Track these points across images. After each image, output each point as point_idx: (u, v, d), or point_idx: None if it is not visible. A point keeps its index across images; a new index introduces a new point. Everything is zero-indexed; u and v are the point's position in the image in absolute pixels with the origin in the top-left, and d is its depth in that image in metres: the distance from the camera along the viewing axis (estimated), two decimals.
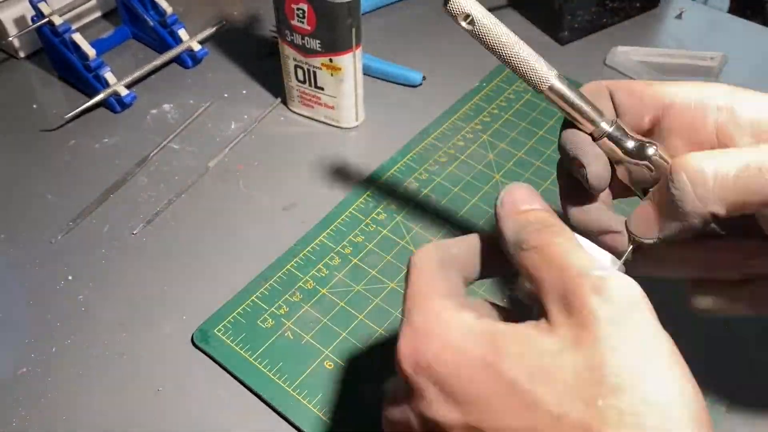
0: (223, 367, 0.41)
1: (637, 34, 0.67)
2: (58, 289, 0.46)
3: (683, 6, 0.70)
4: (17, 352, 0.42)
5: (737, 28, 0.69)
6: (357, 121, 0.57)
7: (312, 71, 0.54)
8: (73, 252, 0.48)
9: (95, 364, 0.42)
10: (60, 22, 0.57)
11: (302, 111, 0.58)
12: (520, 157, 0.54)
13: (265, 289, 0.45)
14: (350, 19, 0.50)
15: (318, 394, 0.40)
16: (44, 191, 0.52)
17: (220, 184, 0.53)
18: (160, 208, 0.51)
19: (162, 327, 0.44)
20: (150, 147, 0.55)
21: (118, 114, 0.59)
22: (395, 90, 0.61)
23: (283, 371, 0.41)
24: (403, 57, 0.63)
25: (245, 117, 0.59)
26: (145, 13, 0.62)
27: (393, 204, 0.51)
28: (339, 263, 0.47)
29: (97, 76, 0.58)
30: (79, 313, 0.44)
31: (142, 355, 0.42)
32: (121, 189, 0.52)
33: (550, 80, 0.31)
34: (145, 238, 0.49)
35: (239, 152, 0.55)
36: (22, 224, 0.50)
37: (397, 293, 0.45)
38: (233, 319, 0.43)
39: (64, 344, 0.43)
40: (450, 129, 0.57)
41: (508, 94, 0.59)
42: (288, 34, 0.53)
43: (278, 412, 0.39)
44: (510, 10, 0.69)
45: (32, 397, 0.40)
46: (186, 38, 0.62)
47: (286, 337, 0.43)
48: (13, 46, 0.63)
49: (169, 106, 0.59)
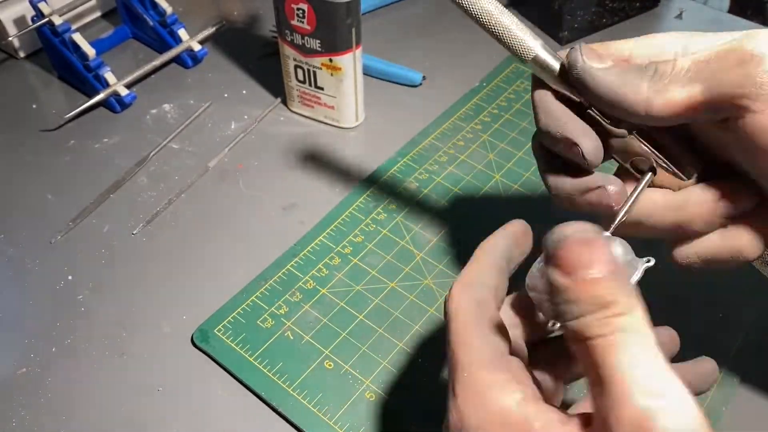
0: (223, 367, 0.41)
1: (637, 34, 0.66)
2: (58, 289, 0.46)
3: (683, 6, 0.70)
4: (17, 352, 0.42)
5: (737, 28, 0.69)
6: (357, 121, 0.57)
7: (312, 71, 0.54)
8: (73, 252, 0.48)
9: (95, 364, 0.42)
10: (60, 22, 0.57)
11: (302, 111, 0.58)
12: (520, 157, 0.54)
13: (265, 289, 0.45)
14: (350, 19, 0.50)
15: (318, 394, 0.40)
16: (44, 191, 0.52)
17: (220, 184, 0.53)
18: (160, 208, 0.51)
19: (162, 327, 0.44)
20: (150, 147, 0.55)
21: (118, 114, 0.59)
22: (395, 90, 0.61)
23: (283, 371, 0.41)
24: (403, 57, 0.63)
25: (245, 117, 0.59)
26: (145, 13, 0.62)
27: (393, 204, 0.50)
28: (339, 263, 0.47)
29: (97, 76, 0.58)
30: (79, 313, 0.44)
31: (141, 354, 0.42)
32: (121, 189, 0.52)
33: (536, 50, 0.31)
34: (145, 238, 0.49)
35: (239, 152, 0.55)
36: (22, 224, 0.50)
37: (398, 293, 0.45)
38: (233, 319, 0.43)
39: (64, 344, 0.43)
40: (450, 129, 0.57)
41: (508, 94, 0.59)
42: (288, 34, 0.53)
43: (278, 412, 0.39)
44: (510, 10, 0.69)
45: (32, 397, 0.40)
46: (186, 38, 0.62)
47: (286, 337, 0.43)
48: (13, 46, 0.63)
49: (169, 106, 0.59)
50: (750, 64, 0.26)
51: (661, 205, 0.31)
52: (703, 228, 0.31)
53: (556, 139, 0.31)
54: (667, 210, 0.31)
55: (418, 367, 0.41)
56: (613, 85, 0.29)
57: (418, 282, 0.46)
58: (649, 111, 0.28)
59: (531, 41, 0.31)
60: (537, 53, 0.31)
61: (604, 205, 0.30)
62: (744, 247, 0.31)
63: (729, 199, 0.30)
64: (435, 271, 0.46)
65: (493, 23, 0.31)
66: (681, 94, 0.28)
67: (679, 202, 0.31)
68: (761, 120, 0.26)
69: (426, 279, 0.46)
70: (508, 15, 0.32)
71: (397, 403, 0.40)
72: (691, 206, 0.31)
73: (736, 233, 0.31)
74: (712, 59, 0.27)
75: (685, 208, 0.31)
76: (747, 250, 0.31)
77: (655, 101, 0.28)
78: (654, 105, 0.28)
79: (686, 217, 0.31)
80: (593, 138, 0.30)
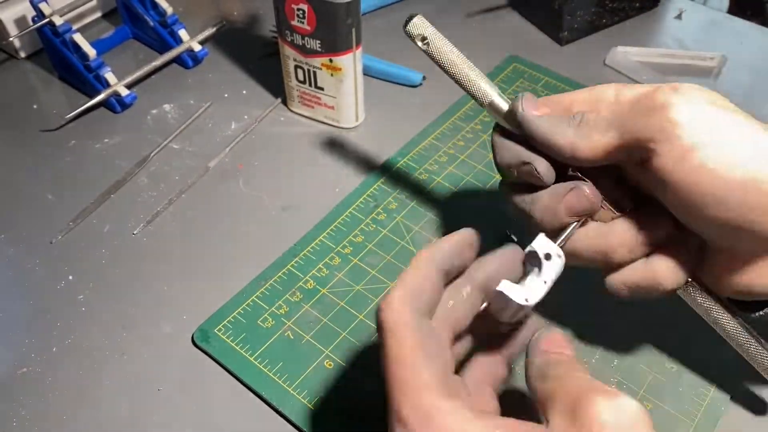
0: (223, 367, 0.41)
1: (636, 34, 0.67)
2: (59, 289, 0.46)
3: (683, 6, 0.70)
4: (17, 352, 0.42)
5: (737, 29, 0.69)
6: (357, 121, 0.57)
7: (312, 71, 0.54)
8: (74, 252, 0.48)
9: (95, 364, 0.42)
10: (60, 23, 0.57)
11: (302, 111, 0.58)
12: None
13: (266, 288, 0.45)
14: (350, 19, 0.50)
15: (318, 394, 0.40)
16: (44, 191, 0.52)
17: (220, 184, 0.53)
18: (160, 208, 0.51)
19: (162, 327, 0.44)
20: (150, 147, 0.55)
21: (118, 114, 0.59)
22: (395, 90, 0.61)
23: (283, 371, 0.41)
24: (403, 57, 0.63)
25: (245, 117, 0.59)
26: (146, 13, 0.63)
27: (393, 204, 0.51)
28: (339, 263, 0.47)
29: (98, 77, 0.58)
30: (79, 313, 0.44)
31: (142, 354, 0.42)
32: (122, 189, 0.52)
33: (491, 97, 0.37)
34: (145, 238, 0.49)
35: (239, 152, 0.56)
36: (22, 224, 0.50)
37: None
38: (233, 318, 0.43)
39: (64, 344, 0.43)
40: (450, 129, 0.57)
41: (508, 95, 0.59)
42: (288, 34, 0.53)
43: (278, 411, 0.39)
44: (510, 10, 0.69)
45: (32, 397, 0.40)
46: (186, 38, 0.62)
47: (286, 336, 0.43)
48: (14, 46, 0.63)
49: (170, 106, 0.59)
50: (657, 112, 0.30)
51: (591, 234, 0.35)
52: (626, 256, 0.35)
53: (512, 167, 0.36)
54: (595, 238, 0.35)
55: None
56: (545, 130, 0.34)
57: None
58: (574, 153, 0.33)
59: (488, 89, 0.37)
60: (492, 99, 0.37)
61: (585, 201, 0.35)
62: (662, 276, 0.34)
63: (648, 228, 0.34)
64: None
65: (457, 73, 0.37)
66: (601, 140, 0.32)
67: (605, 231, 0.35)
68: (665, 161, 0.30)
69: None
70: (470, 66, 0.37)
71: None
72: (616, 234, 0.34)
73: (655, 262, 0.34)
74: (626, 108, 0.32)
75: (610, 235, 0.35)
76: (665, 278, 0.34)
77: (579, 145, 0.33)
78: (578, 148, 0.33)
79: (611, 244, 0.35)
80: (543, 160, 0.35)
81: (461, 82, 0.37)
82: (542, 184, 0.35)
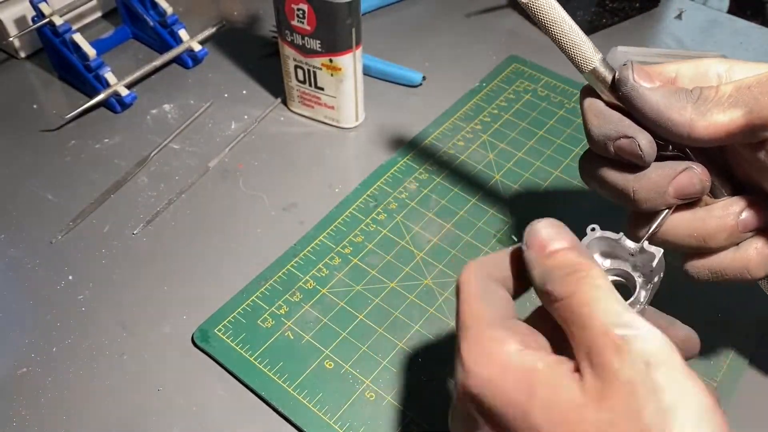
0: (223, 367, 0.41)
1: (636, 34, 0.67)
2: (58, 289, 0.46)
3: (683, 6, 0.70)
4: (17, 352, 0.42)
5: (737, 29, 0.69)
6: (357, 121, 0.57)
7: (312, 71, 0.54)
8: (73, 252, 0.48)
9: (95, 364, 0.42)
10: (60, 23, 0.57)
11: (302, 111, 0.58)
12: (520, 157, 0.54)
13: (266, 289, 0.45)
14: (350, 19, 0.50)
15: (318, 394, 0.40)
16: (44, 191, 0.52)
17: (220, 184, 0.53)
18: (160, 208, 0.51)
19: (162, 327, 0.44)
20: (150, 147, 0.55)
21: (118, 114, 0.59)
22: (395, 90, 0.61)
23: (283, 371, 0.41)
24: (403, 57, 0.63)
25: (245, 117, 0.59)
26: (146, 13, 0.62)
27: (393, 204, 0.51)
28: (339, 263, 0.47)
29: (98, 76, 0.58)
30: (79, 313, 0.44)
31: (142, 355, 0.42)
32: (121, 189, 0.52)
33: (594, 63, 0.33)
34: (145, 238, 0.49)
35: (239, 152, 0.56)
36: (22, 224, 0.50)
37: (397, 293, 0.45)
38: (233, 318, 0.43)
39: (64, 344, 0.43)
40: (450, 129, 0.57)
41: (508, 94, 0.59)
42: (288, 34, 0.53)
43: (278, 411, 0.39)
44: (510, 10, 0.69)
45: (32, 397, 0.40)
46: (186, 38, 0.62)
47: (286, 336, 0.43)
48: (14, 46, 0.63)
49: (170, 106, 0.59)
50: None
51: (688, 218, 0.33)
52: (723, 243, 0.33)
53: (610, 139, 0.32)
54: (693, 222, 0.33)
55: (418, 367, 0.41)
56: (659, 105, 0.30)
57: (418, 282, 0.46)
58: (691, 133, 0.30)
59: (591, 54, 0.33)
60: (595, 66, 0.33)
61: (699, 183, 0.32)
62: (753, 264, 0.33)
63: (748, 215, 0.32)
64: (435, 271, 0.46)
65: (558, 33, 0.33)
66: (723, 118, 0.29)
67: (703, 216, 0.33)
68: None
69: (426, 279, 0.46)
70: (574, 27, 0.33)
71: (397, 403, 0.40)
72: (715, 220, 0.32)
73: (748, 250, 0.33)
74: (754, 85, 0.29)
75: (709, 220, 0.33)
76: (756, 267, 0.33)
77: (698, 123, 0.30)
78: (696, 127, 0.30)
79: (709, 229, 0.32)
80: (648, 135, 0.31)
81: (562, 45, 0.33)
82: (641, 163, 0.32)
